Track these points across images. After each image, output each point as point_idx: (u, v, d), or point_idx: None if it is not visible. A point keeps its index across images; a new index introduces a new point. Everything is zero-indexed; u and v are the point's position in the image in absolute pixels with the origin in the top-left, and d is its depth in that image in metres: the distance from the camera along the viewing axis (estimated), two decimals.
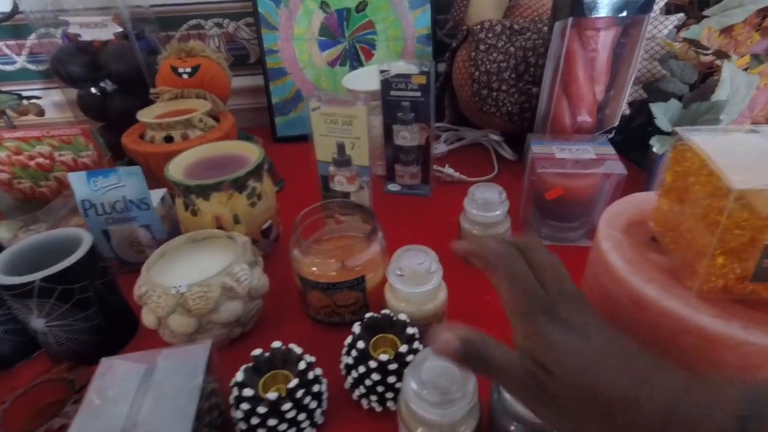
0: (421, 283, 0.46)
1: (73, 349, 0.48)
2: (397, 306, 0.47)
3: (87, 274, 0.46)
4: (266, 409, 0.37)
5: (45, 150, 0.65)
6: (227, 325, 0.48)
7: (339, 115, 0.57)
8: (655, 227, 0.34)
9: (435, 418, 0.34)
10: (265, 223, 0.61)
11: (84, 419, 0.35)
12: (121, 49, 0.83)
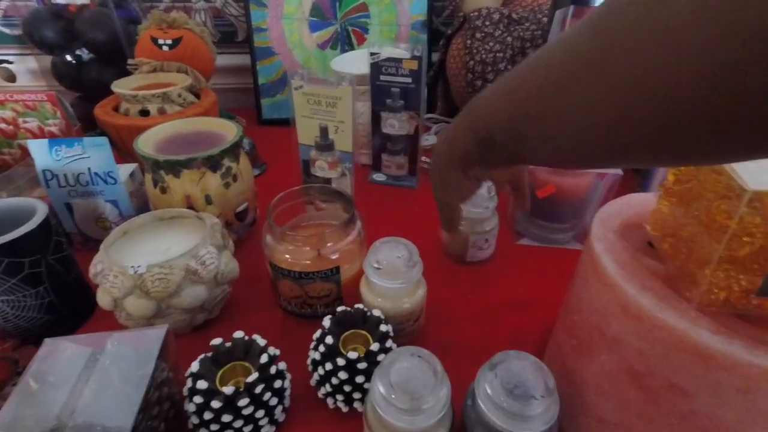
0: (399, 277, 0.43)
1: (21, 326, 0.44)
2: (372, 301, 0.44)
3: (39, 247, 0.43)
4: (221, 404, 0.34)
5: (8, 115, 0.61)
6: (190, 310, 0.45)
7: (323, 96, 0.54)
8: (652, 231, 0.31)
9: (403, 426, 0.32)
10: (240, 205, 0.58)
11: (17, 404, 0.32)
12: (98, 15, 0.79)
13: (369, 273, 0.44)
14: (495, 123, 0.26)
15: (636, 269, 0.29)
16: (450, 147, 0.31)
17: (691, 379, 0.26)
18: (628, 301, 0.27)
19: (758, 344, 0.24)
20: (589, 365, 0.33)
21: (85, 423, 0.31)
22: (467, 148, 0.29)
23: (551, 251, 0.60)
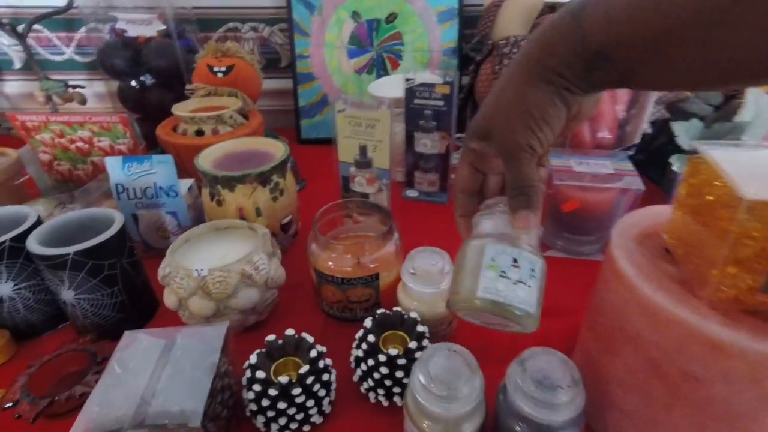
0: (433, 283, 0.47)
1: (97, 323, 0.50)
2: (408, 305, 0.48)
3: (116, 252, 0.49)
4: (277, 392, 0.39)
5: (86, 135, 0.69)
6: (243, 311, 0.50)
7: (363, 118, 0.59)
8: (668, 239, 0.34)
9: (441, 412, 0.35)
10: (285, 217, 0.63)
11: (106, 386, 0.37)
12: (162, 45, 0.87)
13: (406, 279, 0.48)
14: (621, 37, 0.23)
15: (652, 272, 0.32)
16: (541, 54, 0.26)
17: (704, 368, 0.29)
18: (646, 300, 0.30)
19: (763, 334, 0.26)
20: (613, 361, 0.36)
21: (165, 403, 0.35)
22: (570, 60, 0.25)
23: (577, 262, 0.62)
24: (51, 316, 0.53)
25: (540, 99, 0.26)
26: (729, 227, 0.26)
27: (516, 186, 0.29)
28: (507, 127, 0.28)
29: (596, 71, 0.25)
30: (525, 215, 0.29)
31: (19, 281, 0.49)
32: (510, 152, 0.28)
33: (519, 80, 0.27)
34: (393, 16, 0.95)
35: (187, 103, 0.82)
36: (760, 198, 0.25)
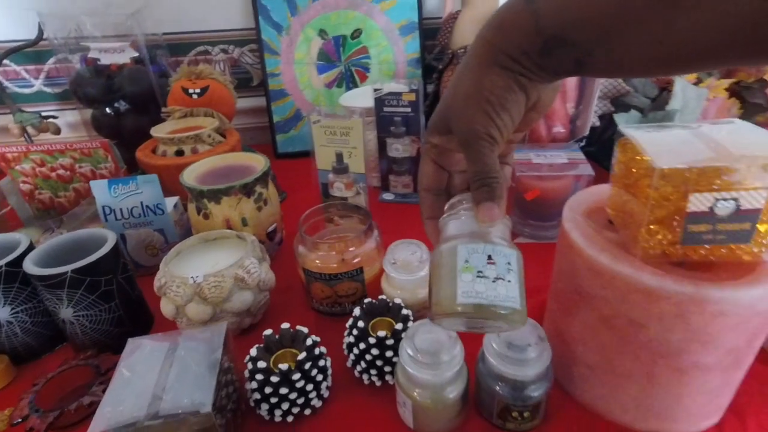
0: (413, 271, 0.51)
1: (97, 339, 0.52)
2: (392, 293, 0.52)
3: (112, 268, 0.51)
4: (278, 379, 0.42)
5: (66, 162, 0.71)
6: (239, 314, 0.53)
7: (337, 127, 0.63)
8: (610, 211, 0.40)
9: (428, 379, 0.39)
10: (270, 226, 0.66)
11: (116, 389, 0.40)
12: (135, 71, 0.90)
13: (388, 269, 0.52)
14: (576, 21, 0.23)
15: (597, 239, 0.37)
16: (497, 41, 0.26)
17: (643, 313, 0.34)
18: (592, 262, 0.36)
19: (685, 279, 0.32)
20: (573, 322, 0.41)
21: (175, 397, 0.38)
22: (525, 46, 0.25)
23: (544, 246, 0.68)
24: (49, 337, 0.54)
25: (497, 85, 0.26)
26: (649, 193, 0.31)
27: (477, 177, 0.28)
28: (465, 114, 0.27)
29: (552, 56, 0.24)
30: (488, 207, 0.27)
31: (16, 305, 0.51)
32: (469, 141, 0.27)
33: (475, 68, 0.26)
34: (358, 32, 1.01)
35: (164, 125, 0.85)
36: (670, 166, 0.30)
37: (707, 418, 0.42)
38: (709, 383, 0.38)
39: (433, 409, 0.41)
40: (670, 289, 0.32)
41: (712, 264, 0.35)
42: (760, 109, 0.69)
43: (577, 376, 0.43)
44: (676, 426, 0.41)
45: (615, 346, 0.38)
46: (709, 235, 0.33)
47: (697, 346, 0.35)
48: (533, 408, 0.41)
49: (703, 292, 0.32)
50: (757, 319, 0.34)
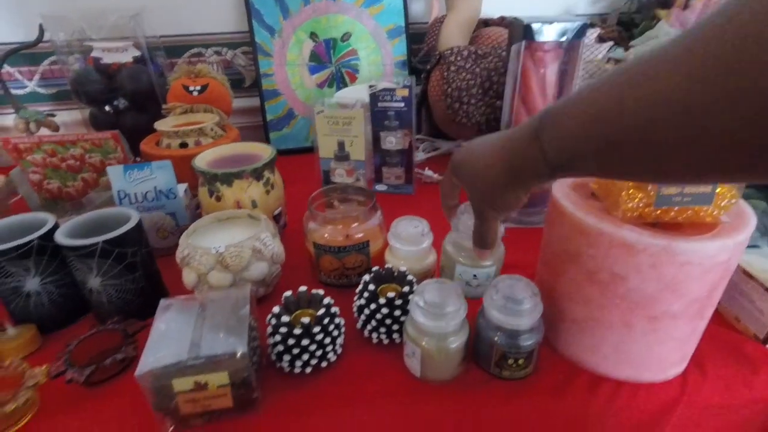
0: (416, 243, 0.57)
1: (121, 308, 0.56)
2: (396, 264, 0.58)
3: (136, 241, 0.55)
4: (301, 331, 0.47)
5: (77, 152, 0.74)
6: (255, 282, 0.57)
7: (340, 117, 0.69)
8: (593, 186, 0.47)
9: (434, 327, 0.45)
10: (276, 209, 0.71)
11: (155, 341, 0.44)
12: (136, 70, 0.94)
13: (392, 242, 0.58)
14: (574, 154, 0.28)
15: (583, 205, 0.44)
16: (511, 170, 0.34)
17: (624, 266, 0.41)
18: (580, 222, 0.42)
19: (659, 233, 0.39)
20: (561, 280, 0.48)
21: (212, 343, 0.42)
22: (539, 171, 0.31)
23: (530, 231, 0.75)
24: (72, 309, 0.58)
25: (511, 199, 0.36)
26: None
27: (478, 234, 0.43)
28: (481, 198, 0.39)
29: (562, 175, 0.31)
30: (482, 253, 0.45)
31: (45, 276, 0.54)
32: (478, 213, 0.40)
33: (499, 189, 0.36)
34: (347, 35, 1.07)
35: (166, 120, 0.88)
36: None
37: (674, 367, 0.48)
38: (677, 331, 0.44)
39: (437, 357, 0.47)
40: (647, 242, 0.39)
41: (680, 225, 0.42)
42: None
43: (563, 330, 0.49)
44: (648, 374, 0.48)
45: (598, 299, 0.45)
46: (677, 197, 0.40)
47: (667, 295, 0.41)
48: (527, 356, 0.47)
49: (673, 244, 0.38)
50: (718, 269, 0.40)
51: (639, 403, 0.46)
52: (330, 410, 0.47)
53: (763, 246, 0.64)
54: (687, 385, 0.48)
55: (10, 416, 0.44)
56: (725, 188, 0.41)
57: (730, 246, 0.39)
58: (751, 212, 0.43)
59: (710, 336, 0.49)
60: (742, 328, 0.54)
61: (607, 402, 0.46)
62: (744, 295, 0.53)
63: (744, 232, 0.40)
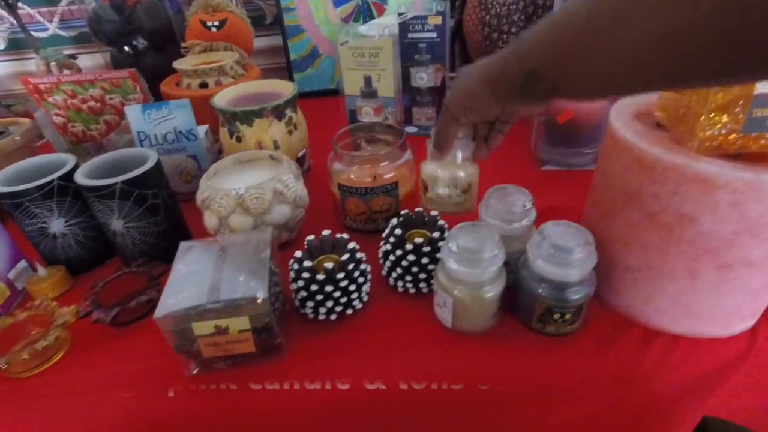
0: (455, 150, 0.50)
1: (145, 251, 0.55)
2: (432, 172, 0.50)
3: (156, 183, 0.53)
4: (324, 277, 0.44)
5: (96, 93, 0.72)
6: (278, 227, 0.55)
7: (366, 48, 0.63)
8: (659, 114, 0.40)
9: (469, 275, 0.41)
10: (300, 151, 0.67)
11: (175, 283, 0.42)
12: (152, 6, 0.89)
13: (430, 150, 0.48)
14: (543, 58, 0.30)
15: (647, 135, 0.38)
16: (490, 70, 0.35)
17: (696, 205, 0.35)
18: (644, 155, 0.36)
19: (743, 165, 0.32)
20: (614, 224, 0.42)
21: (232, 287, 0.41)
22: (511, 76, 0.32)
23: (574, 174, 0.68)
24: (99, 251, 0.57)
25: (482, 99, 0.36)
26: None
27: (437, 132, 0.43)
28: (453, 96, 0.38)
29: (530, 90, 0.32)
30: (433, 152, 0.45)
31: (69, 218, 0.53)
32: (445, 110, 0.40)
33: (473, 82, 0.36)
34: None
35: (185, 59, 0.85)
36: None
37: (743, 321, 0.43)
38: (752, 282, 0.38)
39: (471, 306, 0.43)
40: (729, 175, 0.32)
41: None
42: None
43: (615, 280, 0.44)
44: (712, 328, 0.42)
45: (659, 244, 0.39)
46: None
47: (747, 239, 0.35)
48: (575, 311, 0.42)
49: (762, 177, 0.32)
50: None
51: (698, 359, 0.42)
52: (356, 357, 0.45)
53: None
54: (756, 340, 0.43)
55: (42, 353, 0.45)
56: None
57: None
58: None
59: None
60: None
61: (662, 358, 0.42)
62: None
63: None
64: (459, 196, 0.50)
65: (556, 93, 0.31)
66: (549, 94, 0.31)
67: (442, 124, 0.41)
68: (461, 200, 0.50)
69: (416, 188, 0.57)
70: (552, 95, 0.32)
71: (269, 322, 0.41)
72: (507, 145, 0.75)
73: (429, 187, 0.50)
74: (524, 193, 0.48)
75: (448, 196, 0.50)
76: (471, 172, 0.49)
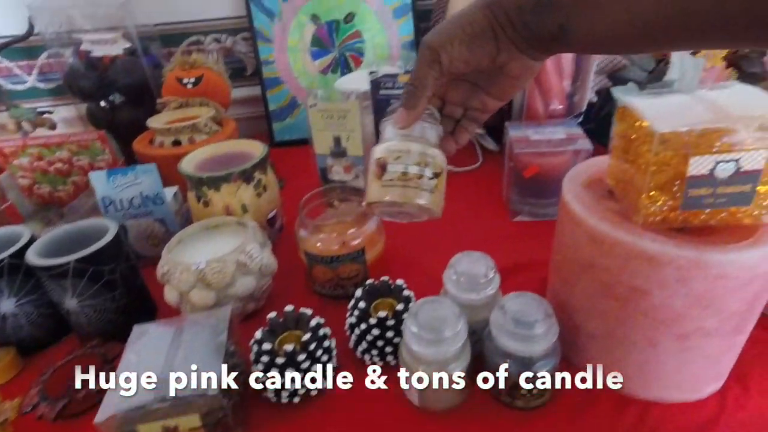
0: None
1: (102, 328, 0.52)
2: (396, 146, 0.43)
3: (114, 257, 0.51)
4: (284, 360, 0.42)
5: (64, 155, 0.71)
6: (242, 299, 0.53)
7: (334, 111, 0.63)
8: (609, 181, 0.40)
9: (432, 354, 0.40)
10: (270, 212, 0.66)
11: (122, 375, 0.40)
12: (129, 63, 0.89)
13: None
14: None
15: (597, 209, 0.37)
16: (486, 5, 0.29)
17: (645, 280, 0.34)
18: (593, 230, 0.36)
19: (686, 243, 0.32)
20: (574, 291, 0.41)
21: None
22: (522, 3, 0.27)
23: (544, 224, 0.68)
24: (54, 329, 0.55)
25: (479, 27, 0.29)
26: (649, 159, 0.31)
27: (407, 82, 0.32)
28: (439, 28, 0.31)
29: (540, 15, 0.27)
30: (400, 112, 0.33)
31: (20, 297, 0.51)
32: (423, 49, 0.30)
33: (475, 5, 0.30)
34: (351, 16, 1.00)
35: (160, 116, 0.84)
36: (670, 130, 0.30)
37: (709, 384, 0.42)
38: (711, 348, 0.38)
39: (437, 385, 0.41)
40: (672, 253, 0.32)
41: (712, 228, 0.35)
42: (758, 78, 0.69)
43: (581, 347, 0.43)
44: (679, 393, 0.42)
45: (617, 314, 0.39)
46: (709, 198, 0.33)
47: (698, 311, 0.35)
48: (543, 383, 0.41)
49: (704, 255, 0.32)
50: (758, 282, 0.34)
51: (671, 425, 0.41)
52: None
53: None
54: (726, 402, 0.42)
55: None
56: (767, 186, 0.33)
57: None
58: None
59: (754, 342, 0.42)
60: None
61: (635, 425, 0.41)
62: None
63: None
64: (431, 179, 0.34)
65: (561, 35, 0.27)
66: (554, 34, 0.27)
67: (419, 70, 0.31)
68: (431, 186, 0.34)
69: (386, 251, 0.55)
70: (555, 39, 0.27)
71: (223, 417, 0.38)
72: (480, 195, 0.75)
73: (388, 165, 0.34)
74: (487, 261, 0.47)
75: (418, 176, 0.34)
76: (442, 159, 0.36)
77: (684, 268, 0.32)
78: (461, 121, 0.38)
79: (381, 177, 0.34)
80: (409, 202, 0.34)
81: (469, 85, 0.36)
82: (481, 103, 0.36)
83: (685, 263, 0.32)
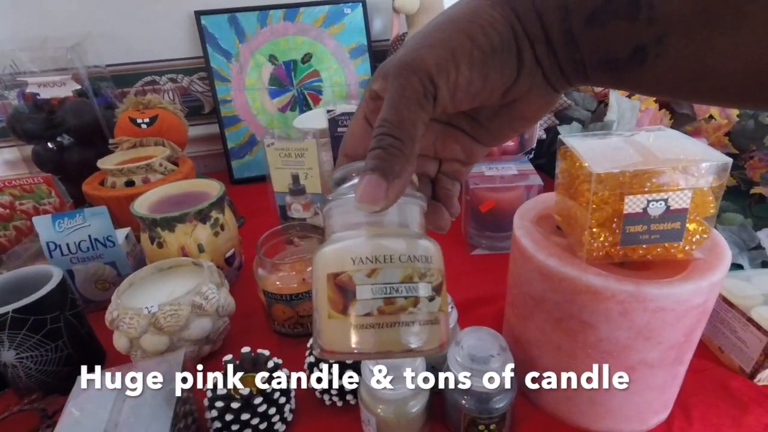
0: None
1: (43, 380, 0.49)
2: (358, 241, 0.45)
3: (58, 305, 0.49)
4: (239, 404, 0.41)
5: (5, 200, 0.67)
6: (198, 341, 0.51)
7: (292, 149, 0.64)
8: (557, 217, 0.42)
9: (390, 393, 0.39)
10: (228, 251, 0.65)
11: (65, 430, 0.37)
12: (79, 105, 0.87)
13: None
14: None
15: (546, 244, 0.39)
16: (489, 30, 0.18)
17: (592, 314, 0.36)
18: (541, 266, 0.37)
19: (626, 278, 0.34)
20: (528, 326, 0.43)
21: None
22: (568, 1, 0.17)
23: (500, 256, 0.70)
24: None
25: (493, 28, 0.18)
26: (589, 197, 0.34)
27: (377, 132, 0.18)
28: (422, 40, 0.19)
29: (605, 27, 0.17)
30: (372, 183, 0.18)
31: None
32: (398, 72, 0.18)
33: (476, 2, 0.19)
34: (308, 56, 1.03)
35: (111, 156, 0.82)
36: (606, 171, 0.33)
37: (656, 415, 0.44)
38: (655, 379, 0.40)
39: (396, 424, 0.41)
40: (614, 288, 0.34)
41: (650, 263, 0.38)
42: (688, 119, 0.75)
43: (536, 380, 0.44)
44: (629, 425, 0.43)
45: (568, 347, 0.40)
46: (645, 235, 0.36)
47: (641, 343, 0.37)
48: (499, 420, 0.41)
49: (643, 289, 0.34)
50: (693, 313, 0.36)
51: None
52: None
53: (744, 264, 0.60)
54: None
55: None
56: (695, 224, 0.36)
57: (704, 288, 0.35)
58: (725, 246, 0.39)
59: (694, 372, 0.44)
60: (727, 360, 0.50)
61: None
62: (725, 325, 0.49)
63: (719, 271, 0.36)
64: (431, 300, 0.21)
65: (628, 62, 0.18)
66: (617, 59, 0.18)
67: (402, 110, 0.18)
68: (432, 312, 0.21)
69: None
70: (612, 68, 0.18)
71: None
72: None
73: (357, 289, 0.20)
74: None
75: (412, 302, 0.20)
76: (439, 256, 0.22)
77: (626, 301, 0.34)
78: (438, 179, 0.26)
79: (346, 311, 0.20)
80: (399, 351, 0.20)
81: (449, 128, 0.24)
82: (466, 151, 0.25)
83: (626, 297, 0.34)
